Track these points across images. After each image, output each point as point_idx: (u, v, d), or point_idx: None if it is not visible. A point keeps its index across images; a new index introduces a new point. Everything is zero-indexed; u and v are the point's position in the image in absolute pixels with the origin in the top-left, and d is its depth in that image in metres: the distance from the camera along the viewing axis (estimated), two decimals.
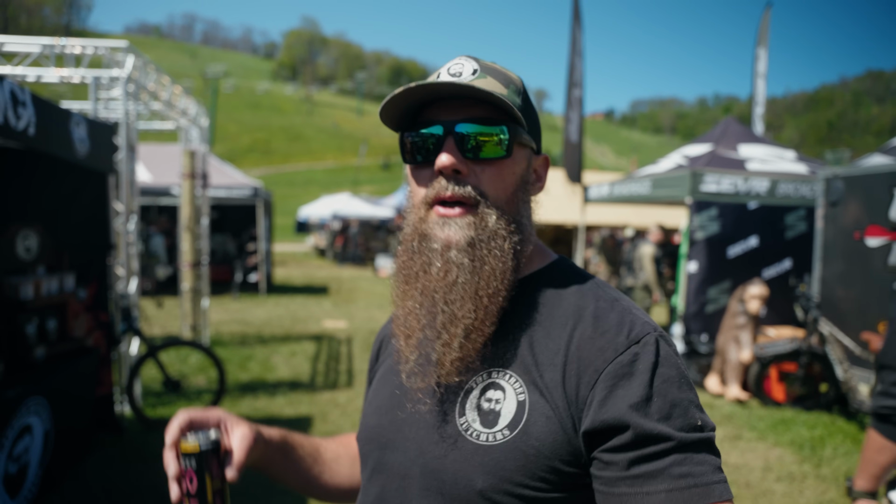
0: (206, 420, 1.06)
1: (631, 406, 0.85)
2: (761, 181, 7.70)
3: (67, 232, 5.07)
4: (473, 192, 0.97)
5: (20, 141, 3.55)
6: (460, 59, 1.03)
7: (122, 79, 5.72)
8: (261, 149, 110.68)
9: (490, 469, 0.90)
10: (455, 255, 0.96)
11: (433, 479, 0.95)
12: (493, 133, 0.98)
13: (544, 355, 0.95)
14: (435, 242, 0.98)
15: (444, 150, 0.97)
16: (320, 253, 31.26)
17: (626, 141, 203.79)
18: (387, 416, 1.07)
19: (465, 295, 0.95)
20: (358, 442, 1.14)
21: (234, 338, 10.00)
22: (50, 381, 4.10)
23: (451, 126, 0.98)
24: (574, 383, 0.90)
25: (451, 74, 1.00)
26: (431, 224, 0.99)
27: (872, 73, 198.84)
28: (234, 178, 15.29)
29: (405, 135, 1.03)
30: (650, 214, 15.24)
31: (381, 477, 1.03)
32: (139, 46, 8.09)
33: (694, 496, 0.80)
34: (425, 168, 1.02)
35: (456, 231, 0.97)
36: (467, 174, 0.98)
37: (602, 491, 0.86)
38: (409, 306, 1.01)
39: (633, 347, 0.90)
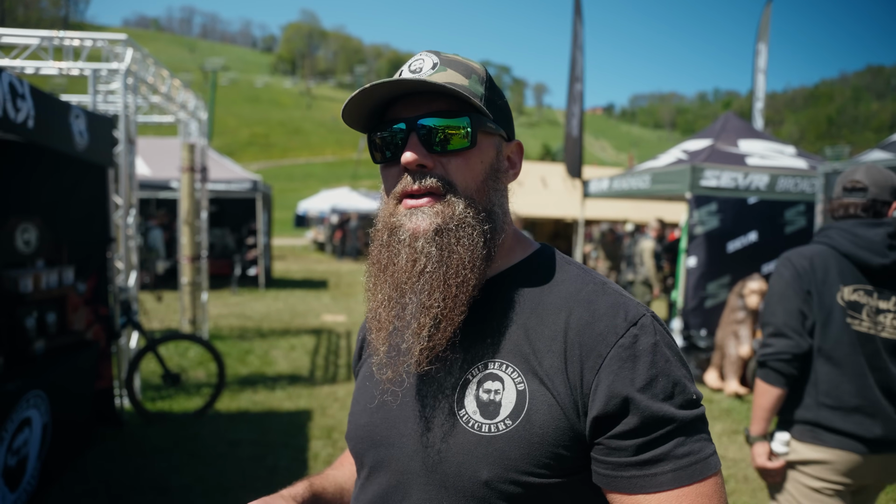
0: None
1: (638, 389, 0.88)
2: (761, 176, 7.70)
3: (67, 225, 5.06)
4: (439, 183, 0.98)
5: (19, 134, 3.53)
6: (421, 54, 1.04)
7: (121, 72, 5.70)
8: (260, 143, 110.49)
9: (495, 459, 0.91)
10: (422, 245, 0.97)
11: (436, 472, 0.95)
12: (456, 125, 0.99)
13: (541, 343, 0.95)
14: (403, 233, 0.99)
15: (408, 146, 0.98)
16: (319, 247, 31.25)
17: (625, 136, 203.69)
18: (377, 413, 1.06)
19: (433, 284, 0.96)
20: (349, 441, 1.13)
21: (234, 332, 10.00)
22: (49, 375, 4.10)
23: (413, 122, 0.99)
24: (577, 369, 0.91)
25: (411, 71, 1.02)
26: (400, 216, 1.00)
27: (872, 69, 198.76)
28: (233, 172, 15.26)
29: (372, 134, 1.04)
30: (650, 209, 15.25)
31: (379, 475, 1.03)
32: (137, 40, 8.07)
33: (696, 472, 0.87)
34: (393, 165, 1.03)
35: (423, 220, 0.98)
36: (433, 167, 0.99)
37: (606, 474, 0.90)
38: (379, 298, 1.02)
39: (632, 329, 0.92)
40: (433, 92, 0.98)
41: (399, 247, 0.99)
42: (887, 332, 2.38)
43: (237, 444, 5.14)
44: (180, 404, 6.17)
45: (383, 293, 1.01)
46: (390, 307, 1.00)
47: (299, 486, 1.15)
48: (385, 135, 1.02)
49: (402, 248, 0.98)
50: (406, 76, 1.00)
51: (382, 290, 1.01)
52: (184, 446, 5.07)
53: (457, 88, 0.95)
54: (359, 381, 1.19)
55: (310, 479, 1.20)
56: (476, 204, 1.00)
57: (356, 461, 1.11)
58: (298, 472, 4.62)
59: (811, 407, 2.43)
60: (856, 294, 2.41)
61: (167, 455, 4.89)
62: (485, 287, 1.01)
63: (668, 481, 0.86)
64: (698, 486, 0.86)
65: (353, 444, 1.11)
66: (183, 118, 8.24)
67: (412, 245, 0.97)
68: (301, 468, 4.70)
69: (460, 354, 0.99)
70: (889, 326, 2.38)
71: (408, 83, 0.95)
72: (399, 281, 0.98)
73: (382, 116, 1.05)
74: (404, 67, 1.04)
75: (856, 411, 2.36)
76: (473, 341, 0.99)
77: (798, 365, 2.41)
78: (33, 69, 5.67)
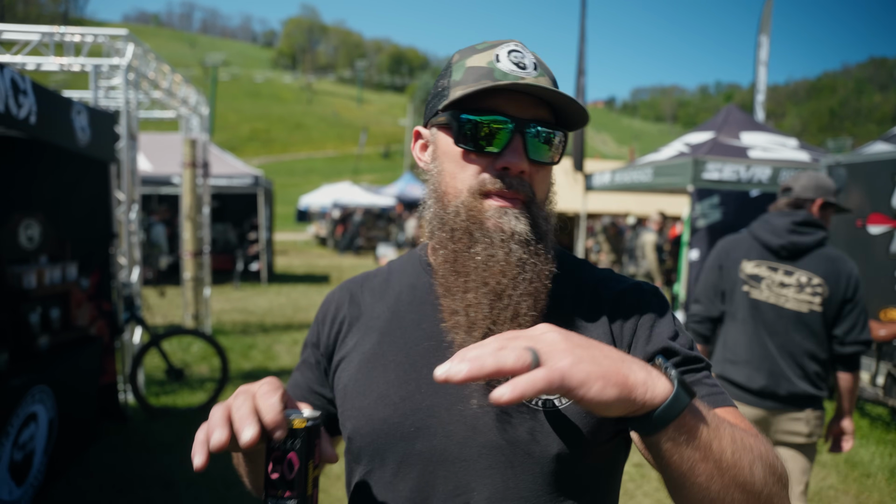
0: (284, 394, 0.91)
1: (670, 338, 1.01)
2: (763, 169, 7.68)
3: (69, 221, 5.07)
4: (529, 192, 0.99)
5: (21, 130, 3.54)
6: (517, 44, 1.00)
7: (123, 67, 5.70)
8: (261, 138, 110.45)
9: (565, 432, 0.95)
10: (517, 248, 0.96)
11: (500, 454, 0.94)
12: (554, 138, 1.00)
13: (584, 319, 1.04)
14: (495, 232, 0.96)
15: (515, 148, 0.96)
16: (321, 242, 31.26)
17: (627, 129, 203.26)
18: (405, 403, 1.00)
19: (526, 291, 0.96)
20: (361, 437, 1.03)
21: (236, 327, 10.02)
22: (54, 370, 4.11)
23: (522, 125, 0.96)
24: (619, 331, 1.03)
25: (513, 62, 0.97)
26: (489, 213, 0.97)
27: (875, 61, 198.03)
28: (235, 167, 15.26)
29: (462, 116, 0.98)
30: (652, 202, 15.23)
31: (415, 469, 0.98)
32: (138, 35, 8.06)
33: (719, 400, 0.98)
34: (480, 156, 0.99)
35: (516, 223, 0.96)
36: (528, 174, 0.99)
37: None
38: (469, 299, 0.97)
39: (651, 295, 1.07)
40: (539, 97, 0.97)
41: (493, 247, 0.96)
42: (791, 304, 2.86)
43: None
44: (184, 399, 6.19)
45: (475, 293, 0.96)
46: (484, 308, 0.96)
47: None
48: (481, 122, 0.97)
49: (496, 249, 0.96)
50: (510, 69, 0.97)
51: (475, 290, 0.96)
52: (188, 441, 5.04)
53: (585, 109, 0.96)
54: (350, 373, 1.09)
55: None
56: (547, 218, 1.03)
57: (368, 459, 1.03)
58: None
59: (719, 361, 3.04)
60: (758, 268, 2.98)
61: (171, 449, 4.91)
62: None
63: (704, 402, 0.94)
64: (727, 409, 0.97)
65: (371, 440, 1.02)
66: (184, 113, 8.24)
67: (506, 246, 0.96)
68: None
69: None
70: (792, 299, 2.87)
71: (546, 91, 0.94)
72: (496, 281, 0.95)
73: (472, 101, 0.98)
74: (500, 52, 0.98)
75: (746, 364, 2.92)
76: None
77: (709, 326, 3.14)
78: (34, 65, 5.67)
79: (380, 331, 1.10)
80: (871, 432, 5.63)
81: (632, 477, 4.66)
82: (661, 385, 0.76)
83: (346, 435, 1.07)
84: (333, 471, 4.51)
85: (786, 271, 2.90)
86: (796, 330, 2.85)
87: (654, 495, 4.38)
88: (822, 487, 4.57)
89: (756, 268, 2.98)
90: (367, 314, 1.15)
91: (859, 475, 4.78)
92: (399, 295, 1.13)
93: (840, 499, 4.43)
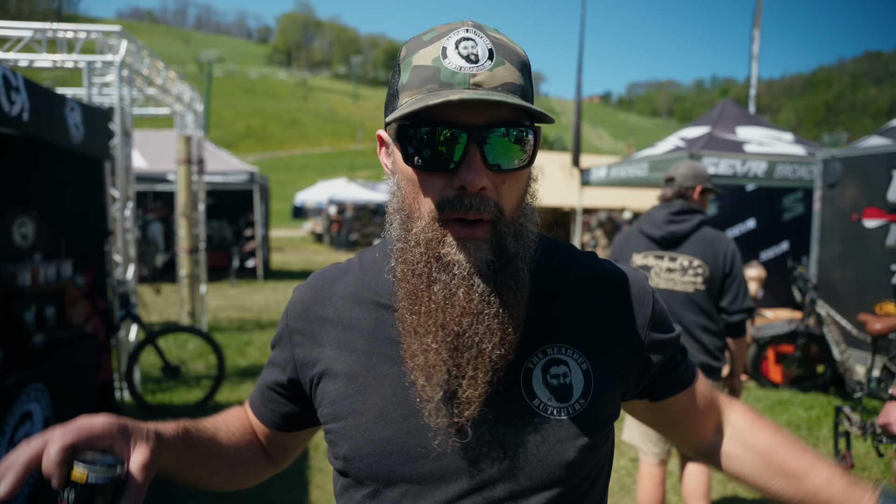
0: (101, 437, 0.84)
1: (667, 325, 1.12)
2: (759, 163, 7.69)
3: (64, 219, 5.05)
4: (495, 210, 0.87)
5: (14, 127, 3.52)
6: (468, 31, 0.87)
7: (116, 64, 5.67)
8: (256, 134, 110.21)
9: (577, 438, 0.95)
10: (479, 283, 0.87)
11: (515, 465, 0.92)
12: (522, 141, 0.87)
13: (589, 320, 1.02)
14: (455, 269, 0.87)
15: (470, 163, 0.84)
16: (317, 238, 31.23)
17: (622, 124, 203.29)
18: (408, 422, 0.94)
19: (490, 327, 0.88)
20: (361, 459, 0.96)
21: (233, 323, 10.01)
22: (49, 368, 4.09)
23: (476, 134, 0.84)
24: (631, 328, 1.05)
25: (462, 56, 0.84)
26: (448, 247, 0.88)
27: (870, 55, 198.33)
28: (230, 164, 15.22)
29: (410, 129, 0.86)
30: (648, 197, 15.23)
31: (428, 489, 0.93)
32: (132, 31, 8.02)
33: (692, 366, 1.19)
34: (436, 174, 0.87)
35: (479, 256, 0.87)
36: (490, 189, 0.87)
37: (670, 382, 1.13)
38: (427, 342, 0.89)
39: (654, 294, 1.10)
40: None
41: (453, 283, 0.87)
42: (679, 286, 3.17)
43: None
44: (180, 396, 6.17)
45: (434, 336, 0.89)
46: (443, 353, 0.89)
47: (171, 427, 1.00)
48: (433, 136, 0.85)
49: (456, 287, 0.87)
50: (458, 65, 0.84)
51: (433, 333, 0.89)
52: None
53: (541, 111, 0.84)
54: (338, 386, 1.00)
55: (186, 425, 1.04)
56: (520, 228, 0.92)
57: (372, 480, 0.97)
58: (299, 461, 4.63)
59: None
60: (646, 259, 3.29)
61: None
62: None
63: (694, 368, 1.18)
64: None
65: (374, 461, 0.95)
66: (179, 110, 8.21)
67: (468, 282, 0.87)
68: (302, 457, 4.72)
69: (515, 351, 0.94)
70: (679, 282, 3.17)
71: (494, 103, 0.82)
72: (454, 324, 0.88)
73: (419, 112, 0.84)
74: (448, 45, 0.85)
75: None
76: (524, 334, 0.94)
77: None
78: (27, 62, 5.64)
79: (366, 340, 1.01)
80: None
81: (629, 472, 4.67)
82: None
83: (343, 455, 0.99)
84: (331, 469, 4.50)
85: (670, 258, 3.23)
86: (688, 309, 3.17)
87: None
88: None
89: (644, 259, 3.31)
90: (346, 319, 1.04)
91: (854, 470, 4.79)
92: (377, 298, 1.02)
93: None
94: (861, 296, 6.30)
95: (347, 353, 1.01)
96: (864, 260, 6.31)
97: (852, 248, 6.46)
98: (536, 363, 0.96)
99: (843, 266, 6.59)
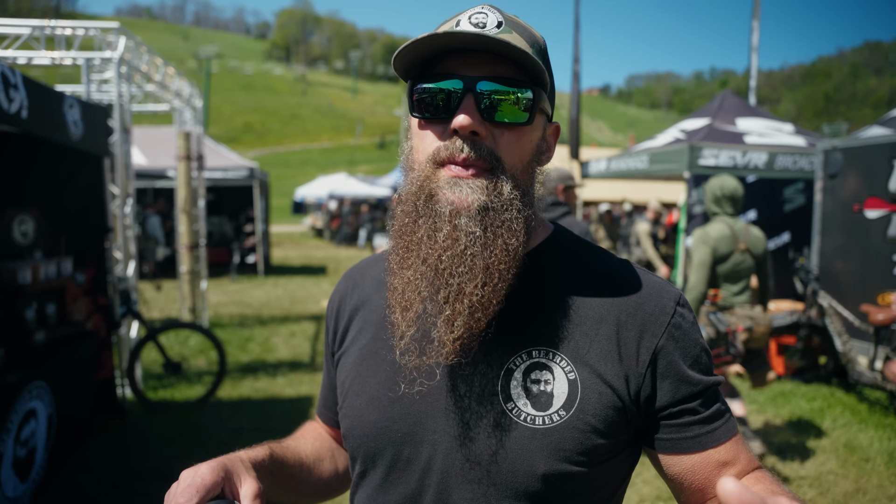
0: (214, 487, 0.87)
1: (690, 365, 0.94)
2: (759, 154, 7.67)
3: (64, 216, 5.04)
4: (489, 158, 0.89)
5: (13, 124, 3.51)
6: (483, 7, 0.93)
7: (115, 60, 5.65)
8: (256, 130, 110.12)
9: (551, 451, 0.89)
10: (465, 223, 0.87)
11: (483, 469, 0.90)
12: (518, 95, 0.90)
13: (587, 327, 0.94)
14: (443, 205, 0.89)
15: (462, 108, 0.88)
16: (317, 233, 31.23)
17: (622, 116, 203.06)
18: (394, 407, 0.96)
19: (474, 268, 0.87)
20: (353, 439, 1.01)
21: (234, 319, 10.01)
22: (51, 366, 4.10)
23: (472, 83, 0.89)
24: (631, 350, 0.93)
25: (472, 24, 0.90)
26: (441, 183, 0.90)
27: (870, 45, 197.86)
28: (230, 160, 15.20)
29: (416, 85, 0.93)
30: (649, 189, 15.23)
31: (405, 475, 0.95)
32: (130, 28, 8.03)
33: (734, 424, 0.96)
34: (436, 124, 0.93)
35: (469, 194, 0.88)
36: (485, 137, 0.90)
37: (671, 438, 0.94)
38: (408, 276, 0.91)
39: (679, 309, 0.96)
40: (495, 53, 0.88)
41: (438, 220, 0.89)
42: None
43: (239, 432, 5.16)
44: (182, 393, 6.18)
45: (414, 270, 0.90)
46: (421, 287, 0.90)
47: (259, 450, 1.03)
48: (434, 89, 0.91)
49: (441, 223, 0.88)
50: (468, 29, 0.88)
51: (414, 267, 0.91)
52: (186, 434, 5.08)
53: (526, 50, 0.86)
54: (349, 368, 1.06)
55: (270, 445, 1.08)
56: (521, 186, 0.93)
57: (361, 460, 1.01)
58: None
59: None
60: None
61: (170, 443, 4.90)
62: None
63: (723, 434, 0.94)
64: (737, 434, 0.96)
65: (362, 442, 0.99)
66: (178, 106, 8.19)
67: (453, 220, 0.88)
68: None
69: (498, 343, 0.92)
70: None
71: (482, 39, 0.84)
72: (435, 259, 0.88)
73: (428, 67, 0.93)
74: (462, 17, 0.92)
75: None
76: (510, 328, 0.94)
77: None
78: (25, 59, 5.62)
79: (375, 325, 1.05)
80: (870, 416, 5.64)
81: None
82: None
83: (343, 433, 1.05)
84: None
85: None
86: None
87: (654, 482, 4.39)
88: (821, 472, 4.58)
89: None
90: (368, 304, 1.10)
91: (858, 459, 4.79)
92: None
93: (839, 483, 4.44)
94: (863, 286, 6.29)
95: (363, 336, 1.07)
96: (865, 250, 6.30)
97: (854, 238, 6.45)
98: (519, 364, 0.92)
99: (845, 257, 6.58)
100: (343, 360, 1.09)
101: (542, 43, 0.96)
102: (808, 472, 4.60)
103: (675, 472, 0.95)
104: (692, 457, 0.93)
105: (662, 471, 0.97)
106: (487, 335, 0.90)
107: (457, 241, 0.88)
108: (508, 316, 0.94)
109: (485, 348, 0.92)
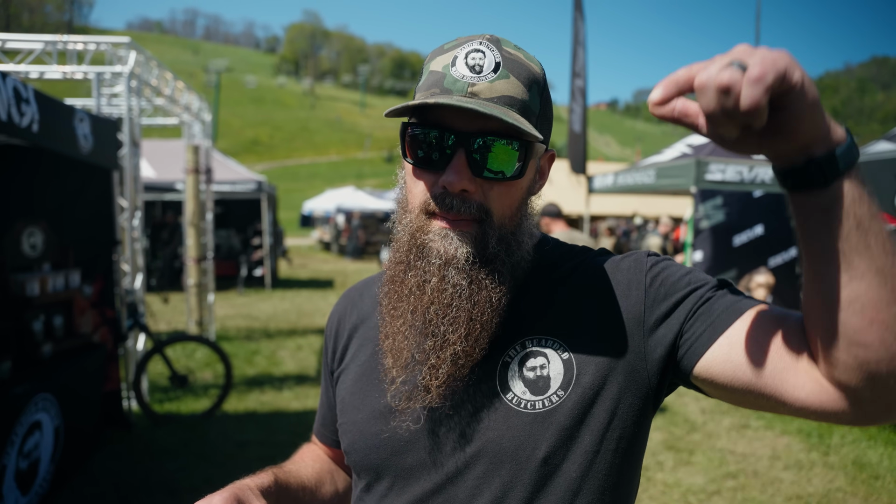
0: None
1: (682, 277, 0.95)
2: (766, 169, 7.66)
3: (72, 228, 5.08)
4: (479, 212, 0.91)
5: (24, 138, 3.55)
6: (480, 44, 0.91)
7: (125, 74, 5.71)
8: (264, 143, 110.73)
9: (553, 433, 0.91)
10: (453, 275, 0.91)
11: (490, 462, 0.92)
12: (510, 154, 0.90)
13: (573, 307, 0.98)
14: (433, 257, 0.91)
15: (454, 165, 0.89)
16: (325, 246, 31.29)
17: (629, 131, 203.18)
18: (392, 418, 0.98)
19: (458, 319, 0.91)
20: (355, 452, 1.03)
21: (240, 332, 10.02)
22: (57, 378, 4.11)
23: (466, 139, 0.89)
24: (624, 305, 0.95)
25: (468, 66, 0.89)
26: (432, 235, 0.92)
27: (877, 60, 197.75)
28: (238, 173, 15.28)
29: (409, 128, 0.93)
30: (657, 204, 15.21)
31: (410, 481, 0.96)
32: (141, 42, 8.12)
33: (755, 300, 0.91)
34: (428, 172, 0.93)
35: (457, 247, 0.90)
36: (475, 192, 0.91)
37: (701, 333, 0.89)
38: (398, 326, 0.95)
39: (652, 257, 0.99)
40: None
41: (427, 272, 0.92)
42: None
43: (245, 445, 5.15)
44: (188, 406, 6.18)
45: (403, 321, 0.95)
46: (410, 337, 0.94)
47: (264, 477, 1.05)
48: (428, 136, 0.91)
49: (430, 275, 0.91)
50: (461, 74, 0.89)
51: (402, 317, 0.95)
52: (192, 447, 5.08)
53: (518, 124, 0.85)
54: (349, 384, 1.09)
55: (273, 470, 1.11)
56: (508, 234, 0.95)
57: (365, 473, 1.03)
58: None
59: None
60: None
61: (176, 456, 4.90)
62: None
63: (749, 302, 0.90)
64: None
65: (364, 455, 1.01)
66: (187, 120, 8.26)
67: (442, 272, 0.91)
68: None
69: (492, 342, 0.95)
70: None
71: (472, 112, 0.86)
72: (423, 310, 0.92)
73: (422, 114, 0.93)
74: (459, 55, 0.91)
75: None
76: (505, 327, 0.96)
77: None
78: (38, 73, 5.69)
79: (374, 342, 1.08)
80: (880, 433, 5.59)
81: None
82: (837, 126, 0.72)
83: (344, 448, 1.07)
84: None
85: None
86: None
87: (665, 429, 4.35)
88: (830, 490, 4.54)
89: None
90: (367, 322, 1.14)
91: (867, 477, 4.75)
92: None
93: (849, 501, 4.39)
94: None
95: (362, 353, 1.10)
96: None
97: None
98: (514, 356, 0.95)
99: None
100: (343, 378, 1.12)
101: (541, 76, 0.96)
102: (817, 489, 4.55)
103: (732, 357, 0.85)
104: (734, 327, 0.87)
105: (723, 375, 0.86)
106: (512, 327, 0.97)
107: (443, 292, 0.91)
108: (504, 315, 0.96)
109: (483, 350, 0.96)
